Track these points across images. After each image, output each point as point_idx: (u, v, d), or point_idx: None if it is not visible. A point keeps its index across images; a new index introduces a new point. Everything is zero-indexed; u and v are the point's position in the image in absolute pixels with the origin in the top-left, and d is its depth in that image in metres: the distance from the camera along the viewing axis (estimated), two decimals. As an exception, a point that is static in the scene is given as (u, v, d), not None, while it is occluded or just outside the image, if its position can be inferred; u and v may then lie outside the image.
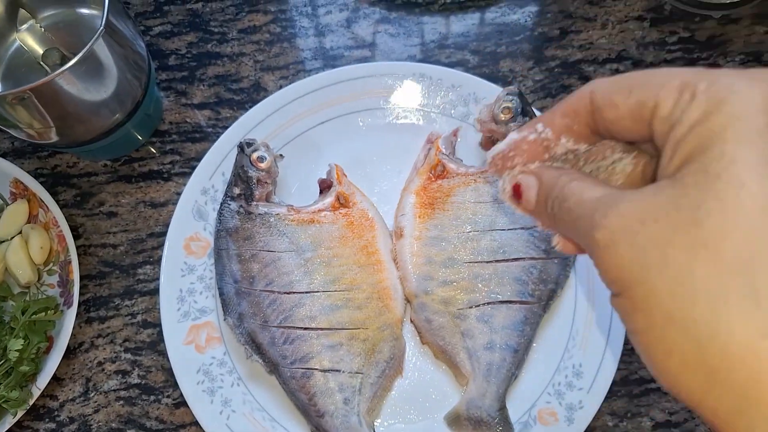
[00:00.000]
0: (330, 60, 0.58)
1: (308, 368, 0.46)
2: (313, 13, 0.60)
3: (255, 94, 0.57)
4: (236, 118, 0.56)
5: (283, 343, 0.46)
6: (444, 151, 0.51)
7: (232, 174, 0.50)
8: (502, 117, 0.49)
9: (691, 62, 0.58)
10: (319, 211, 0.49)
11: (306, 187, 0.53)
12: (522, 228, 0.48)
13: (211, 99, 0.57)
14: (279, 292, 0.47)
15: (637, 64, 0.58)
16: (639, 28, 0.59)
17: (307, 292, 0.47)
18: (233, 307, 0.47)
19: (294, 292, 0.47)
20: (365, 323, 0.47)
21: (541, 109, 0.56)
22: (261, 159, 0.49)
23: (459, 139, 0.53)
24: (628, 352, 0.51)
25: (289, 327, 0.47)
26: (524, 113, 0.49)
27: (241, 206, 0.49)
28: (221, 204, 0.50)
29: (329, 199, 0.50)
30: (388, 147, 0.54)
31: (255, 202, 0.49)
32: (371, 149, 0.54)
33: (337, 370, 0.46)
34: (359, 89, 0.54)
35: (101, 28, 0.43)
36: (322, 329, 0.47)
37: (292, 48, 0.59)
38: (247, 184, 0.49)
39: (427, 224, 0.49)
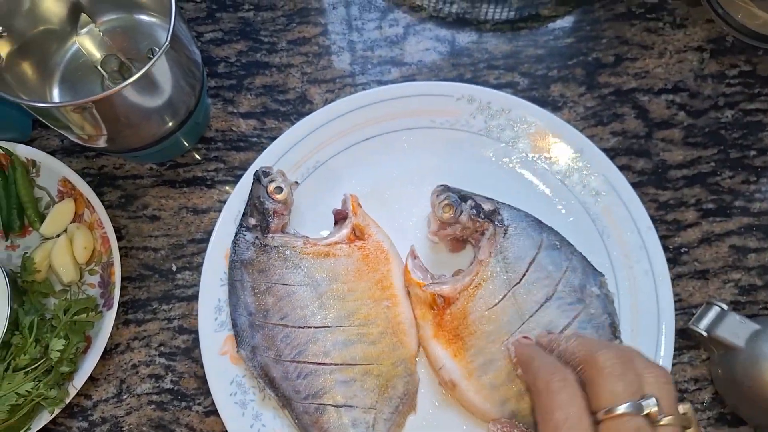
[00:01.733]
0: (376, 76, 0.58)
1: (321, 403, 0.46)
2: (362, 27, 0.59)
3: (301, 106, 0.57)
4: (281, 129, 0.56)
5: (296, 378, 0.46)
6: (425, 279, 0.48)
7: (247, 204, 0.50)
8: (447, 216, 0.48)
9: (751, 97, 0.56)
10: (335, 243, 0.49)
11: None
12: (546, 300, 0.46)
13: (258, 109, 0.57)
14: (293, 327, 0.47)
15: (694, 96, 0.56)
16: (698, 59, 0.57)
17: (321, 327, 0.47)
18: (247, 340, 0.47)
19: (308, 327, 0.47)
20: (379, 359, 0.47)
21: (591, 137, 0.54)
22: (278, 190, 0.49)
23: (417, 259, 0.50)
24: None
25: (303, 362, 0.46)
26: (463, 199, 0.48)
27: (256, 237, 0.49)
28: (236, 234, 0.49)
29: (345, 231, 0.49)
30: (431, 166, 0.53)
31: (271, 234, 0.49)
32: (416, 166, 0.53)
33: (350, 406, 0.46)
34: (405, 108, 0.53)
35: (167, 42, 0.43)
36: (336, 364, 0.46)
37: (340, 62, 0.58)
38: (263, 216, 0.49)
39: (468, 358, 0.46)
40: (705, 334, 0.49)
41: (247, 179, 0.51)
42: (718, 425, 0.50)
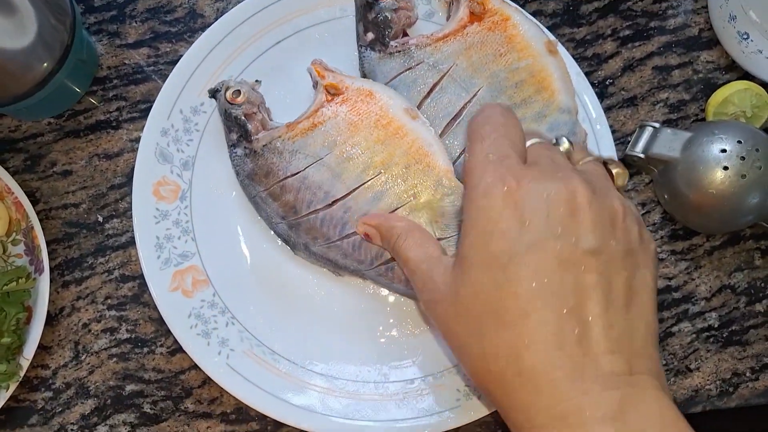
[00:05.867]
0: (266, -27, 0.54)
1: (387, 261, 0.45)
2: (239, -75, 0.55)
3: (192, 22, 0.53)
4: (177, 51, 0.53)
5: (353, 251, 0.45)
6: None
7: (223, 125, 0.48)
8: None
9: None
10: (315, 111, 0.46)
11: (283, 108, 0.49)
12: None
13: (147, 35, 0.53)
14: (323, 209, 0.46)
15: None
16: None
17: (347, 195, 0.45)
18: (296, 242, 0.46)
19: (336, 201, 0.45)
20: (416, 193, 0.45)
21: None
22: (236, 94, 0.46)
23: None
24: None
25: (349, 236, 0.45)
26: None
27: (245, 148, 0.47)
28: (230, 156, 0.47)
29: (319, 96, 0.47)
30: (354, 57, 0.50)
31: (254, 137, 0.46)
32: (338, 63, 0.50)
33: None
34: (310, 2, 0.50)
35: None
36: None
37: (224, -33, 0.54)
38: (238, 126, 0.46)
39: None
40: (642, 156, 0.49)
41: (157, 111, 0.48)
42: (672, 242, 0.51)
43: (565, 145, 0.36)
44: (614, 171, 0.36)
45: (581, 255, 0.30)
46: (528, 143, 0.34)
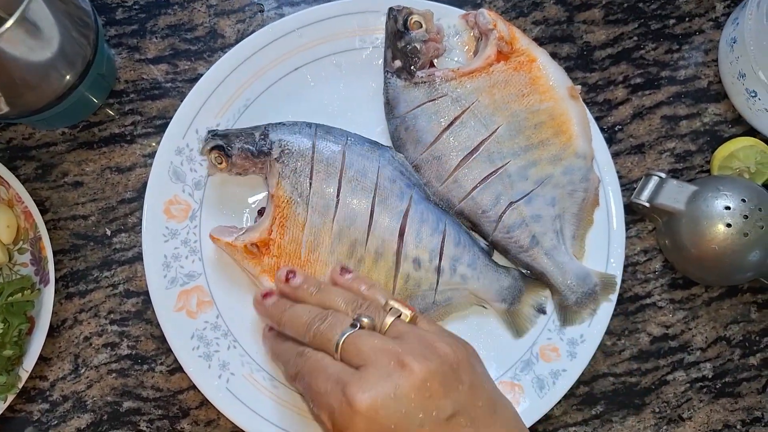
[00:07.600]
0: (288, -2, 0.55)
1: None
2: (264, -52, 0.56)
3: (212, 42, 0.54)
4: (195, 70, 0.53)
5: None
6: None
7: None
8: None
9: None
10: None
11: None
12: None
13: (167, 52, 0.53)
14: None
15: (610, -27, 0.56)
16: (609, -66, 0.56)
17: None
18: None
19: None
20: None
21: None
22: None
23: None
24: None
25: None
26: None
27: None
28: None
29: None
30: (370, 89, 0.51)
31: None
32: (353, 93, 0.51)
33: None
34: (330, 31, 0.51)
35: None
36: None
37: (247, -11, 0.55)
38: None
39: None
40: (647, 204, 0.50)
41: (173, 129, 0.48)
42: (672, 290, 0.52)
43: (365, 322, 0.37)
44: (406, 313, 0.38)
45: (447, 423, 0.33)
46: (342, 340, 0.36)
